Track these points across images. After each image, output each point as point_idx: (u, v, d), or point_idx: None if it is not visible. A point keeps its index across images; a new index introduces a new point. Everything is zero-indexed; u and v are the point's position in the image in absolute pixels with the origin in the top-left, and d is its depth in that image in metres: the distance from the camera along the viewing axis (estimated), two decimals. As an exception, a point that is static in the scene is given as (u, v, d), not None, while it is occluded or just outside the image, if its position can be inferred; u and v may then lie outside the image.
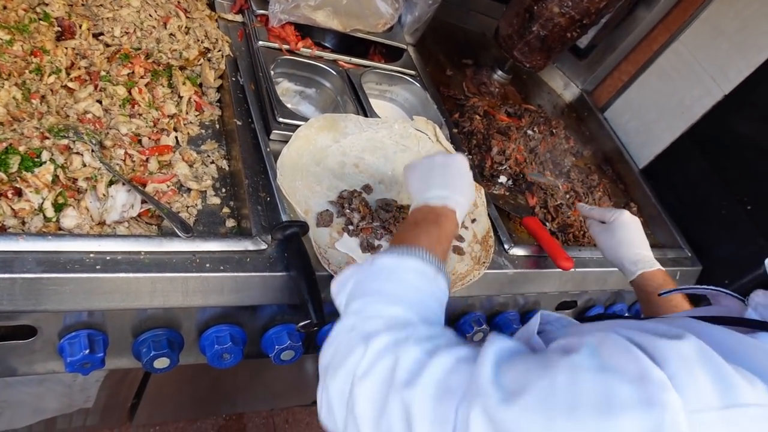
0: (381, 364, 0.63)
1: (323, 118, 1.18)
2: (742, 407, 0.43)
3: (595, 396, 0.46)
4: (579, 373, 0.49)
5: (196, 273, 0.91)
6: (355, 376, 0.63)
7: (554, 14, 1.52)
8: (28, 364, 1.01)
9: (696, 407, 0.43)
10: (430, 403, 0.57)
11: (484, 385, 0.54)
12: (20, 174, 0.88)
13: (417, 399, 0.57)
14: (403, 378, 0.60)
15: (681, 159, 1.72)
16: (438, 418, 0.56)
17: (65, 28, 1.10)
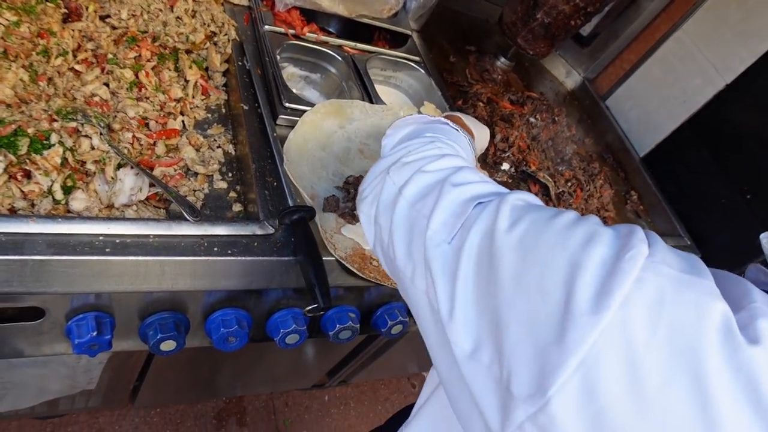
0: (446, 170, 0.69)
1: (329, 103, 1.18)
2: (699, 278, 0.46)
3: (587, 231, 0.51)
4: (583, 220, 0.54)
5: (204, 257, 0.91)
6: (421, 170, 0.70)
7: (558, 2, 1.52)
8: (36, 346, 1.02)
9: (657, 260, 0.46)
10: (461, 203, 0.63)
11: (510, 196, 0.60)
12: (29, 156, 0.88)
13: (452, 195, 0.64)
14: (456, 180, 0.67)
15: (682, 147, 1.73)
16: (459, 211, 0.62)
17: (72, 10, 1.09)
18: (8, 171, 0.86)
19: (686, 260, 0.49)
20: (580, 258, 0.48)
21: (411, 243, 0.66)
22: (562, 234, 0.51)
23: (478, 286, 0.55)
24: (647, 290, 0.44)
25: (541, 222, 0.54)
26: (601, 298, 0.44)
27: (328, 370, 1.96)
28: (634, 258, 0.46)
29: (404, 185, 0.70)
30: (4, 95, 0.94)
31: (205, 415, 2.04)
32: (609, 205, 1.58)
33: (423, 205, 0.66)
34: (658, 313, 0.43)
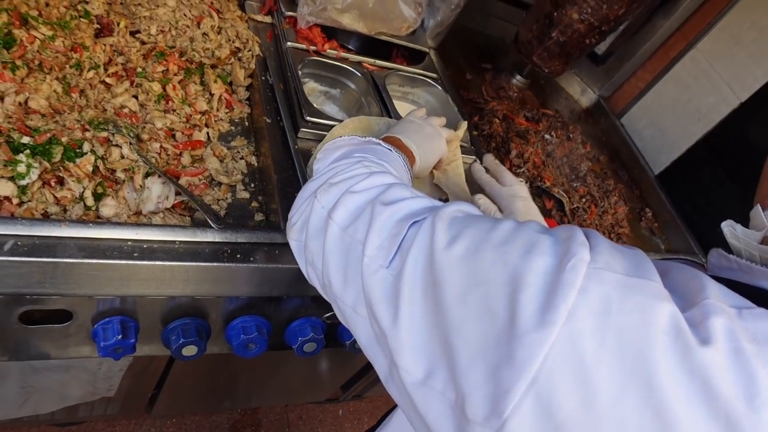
0: (375, 189, 0.69)
1: (358, 119, 1.21)
2: (644, 279, 0.45)
3: (525, 241, 0.50)
4: (523, 227, 0.54)
5: (227, 263, 0.94)
6: (348, 190, 0.69)
7: (573, 20, 1.55)
8: (62, 348, 1.05)
9: (600, 266, 0.46)
10: (395, 223, 0.62)
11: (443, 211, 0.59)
12: (63, 164, 0.92)
13: (385, 215, 0.63)
14: (386, 198, 0.66)
15: (697, 165, 1.74)
16: (394, 232, 0.60)
17: (104, 26, 1.14)
18: (42, 177, 0.90)
19: (631, 259, 0.49)
20: (521, 271, 0.47)
21: (347, 269, 0.64)
22: (501, 247, 0.51)
23: (424, 310, 0.53)
24: (592, 300, 0.44)
25: (480, 236, 0.53)
26: (546, 313, 0.44)
27: (342, 383, 1.97)
28: (576, 267, 0.45)
29: (333, 208, 0.68)
30: (39, 105, 0.98)
31: (220, 426, 2.05)
32: (623, 221, 1.59)
33: (355, 230, 0.64)
34: (605, 323, 0.43)
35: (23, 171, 0.88)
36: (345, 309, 0.66)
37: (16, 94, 0.96)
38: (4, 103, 0.95)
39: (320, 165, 0.84)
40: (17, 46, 1.02)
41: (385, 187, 0.69)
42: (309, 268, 0.73)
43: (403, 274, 0.56)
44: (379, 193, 0.67)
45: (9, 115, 0.93)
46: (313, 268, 0.72)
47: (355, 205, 0.67)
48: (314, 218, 0.70)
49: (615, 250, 0.49)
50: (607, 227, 1.53)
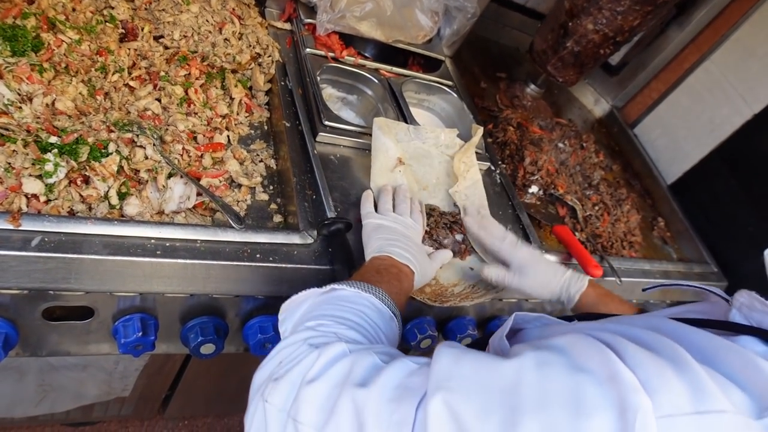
0: (335, 368, 0.58)
1: (383, 120, 1.23)
2: (715, 413, 0.42)
3: (565, 395, 0.45)
4: (547, 369, 0.48)
5: (247, 262, 0.96)
6: (304, 381, 0.57)
7: (588, 31, 1.57)
8: (83, 344, 1.06)
9: (667, 412, 0.42)
10: (387, 405, 0.52)
11: (444, 377, 0.51)
12: (89, 163, 0.94)
13: (372, 400, 0.53)
14: (357, 379, 0.55)
15: (709, 176, 1.75)
16: (396, 419, 0.51)
17: (129, 30, 1.17)
18: (69, 176, 0.92)
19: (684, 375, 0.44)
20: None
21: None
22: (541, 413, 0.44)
23: None
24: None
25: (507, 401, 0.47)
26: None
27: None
28: (645, 428, 0.41)
29: (294, 410, 0.55)
30: (66, 107, 1.00)
31: (232, 428, 2.06)
32: (636, 230, 1.60)
33: (337, 428, 0.53)
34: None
35: (51, 170, 0.90)
36: None
37: (44, 96, 0.99)
38: (32, 104, 0.97)
39: (285, 327, 0.77)
40: (45, 49, 1.05)
41: (347, 362, 0.58)
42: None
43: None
44: (345, 373, 0.57)
45: (37, 116, 0.96)
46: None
47: (321, 396, 0.55)
48: (273, 425, 0.57)
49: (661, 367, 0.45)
50: (620, 235, 1.54)
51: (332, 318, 0.70)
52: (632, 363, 0.45)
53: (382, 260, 0.94)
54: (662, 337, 0.50)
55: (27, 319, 0.95)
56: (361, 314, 0.73)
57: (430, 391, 0.50)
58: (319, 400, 0.55)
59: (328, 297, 0.75)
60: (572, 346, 0.50)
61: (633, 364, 0.45)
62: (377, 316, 0.75)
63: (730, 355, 0.48)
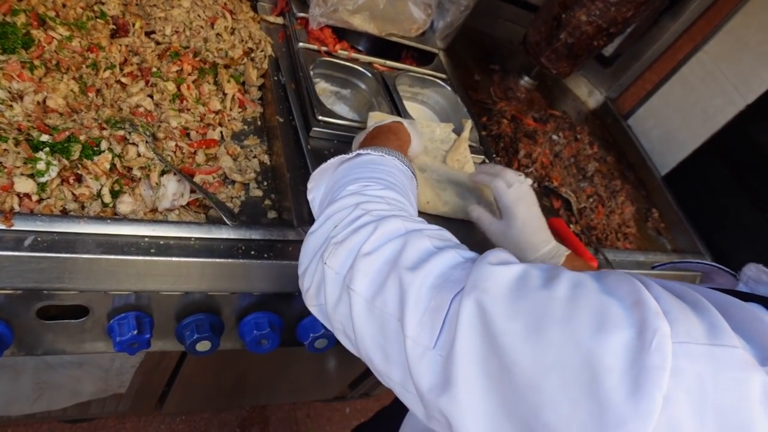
0: (390, 245, 0.63)
1: (377, 114, 1.23)
2: (728, 347, 0.43)
3: (591, 312, 0.47)
4: (579, 289, 0.50)
5: (242, 259, 0.95)
6: (360, 252, 0.62)
7: (581, 23, 1.56)
8: (78, 343, 1.06)
9: (683, 339, 0.43)
10: (428, 291, 0.57)
11: (483, 277, 0.54)
12: (81, 161, 0.93)
13: (416, 284, 0.57)
14: (408, 262, 0.60)
15: (703, 166, 1.76)
16: (433, 305, 0.56)
17: (120, 26, 1.16)
18: (61, 175, 0.92)
19: (703, 316, 0.47)
20: (598, 353, 0.44)
21: (386, 347, 0.60)
22: (566, 324, 0.47)
23: (492, 395, 0.50)
24: (686, 382, 0.42)
25: (537, 309, 0.50)
26: (640, 401, 0.41)
27: (350, 381, 1.98)
28: (662, 346, 0.43)
29: (350, 277, 0.62)
30: (57, 104, 0.99)
31: (229, 423, 2.07)
32: (630, 221, 1.60)
33: (384, 302, 0.59)
34: (702, 403, 0.41)
35: (42, 168, 0.89)
36: (393, 385, 0.61)
37: (35, 93, 0.98)
38: (23, 102, 0.96)
39: (313, 195, 0.82)
40: (35, 46, 1.04)
41: (400, 242, 0.63)
42: (340, 335, 0.68)
43: (456, 357, 0.52)
44: (397, 252, 0.62)
45: (28, 114, 0.95)
46: (345, 336, 0.67)
47: (373, 270, 0.61)
48: (330, 285, 0.65)
49: (683, 306, 0.47)
50: (614, 227, 1.54)
51: (371, 180, 0.74)
52: (656, 295, 0.48)
53: (378, 128, 0.96)
54: (685, 287, 0.52)
55: (21, 318, 0.95)
56: (393, 175, 0.77)
57: (467, 288, 0.54)
58: (371, 273, 0.61)
59: (356, 162, 0.79)
60: (606, 276, 0.53)
61: (656, 296, 0.47)
62: (403, 176, 0.80)
63: (740, 311, 0.49)
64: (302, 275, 0.71)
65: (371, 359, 0.62)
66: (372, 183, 0.73)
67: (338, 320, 0.66)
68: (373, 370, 0.64)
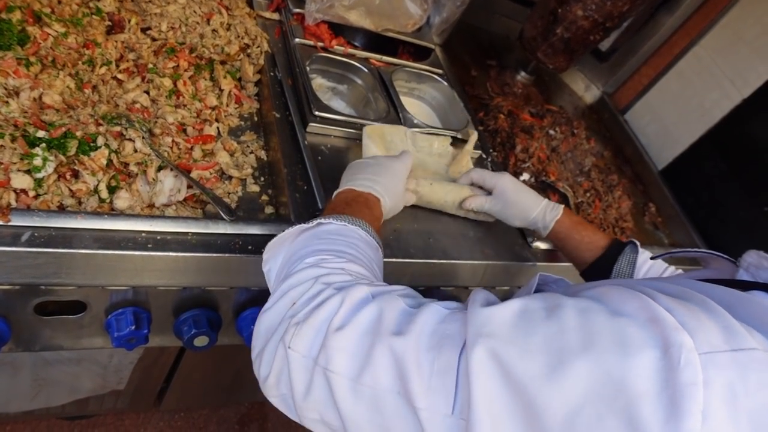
0: (363, 313, 0.57)
1: (377, 127, 1.22)
2: (748, 350, 0.43)
3: (609, 336, 0.46)
4: (588, 314, 0.49)
5: (239, 254, 0.96)
6: (331, 328, 0.57)
7: (578, 17, 1.56)
8: (75, 339, 1.06)
9: (706, 349, 0.43)
10: (427, 353, 0.53)
11: (483, 322, 0.51)
12: (78, 157, 0.93)
13: (410, 349, 0.53)
14: (391, 327, 0.56)
15: (700, 161, 1.76)
16: (438, 368, 0.52)
17: (115, 23, 1.16)
18: (58, 170, 0.92)
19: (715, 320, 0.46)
20: (628, 379, 0.43)
21: (387, 424, 0.55)
22: (589, 354, 0.46)
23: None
24: (718, 392, 0.41)
25: (552, 344, 0.48)
26: (682, 421, 0.41)
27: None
28: (690, 361, 0.42)
29: (324, 359, 0.56)
30: (53, 101, 1.00)
31: (228, 420, 2.07)
32: (627, 216, 1.60)
33: (374, 378, 0.54)
34: (735, 409, 0.41)
35: (39, 164, 0.89)
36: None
37: (31, 90, 0.98)
38: (19, 98, 0.96)
39: (268, 267, 0.76)
40: (31, 42, 1.04)
41: (375, 308, 0.58)
42: (316, 426, 0.61)
43: (478, 415, 0.48)
44: (375, 319, 0.57)
45: (24, 110, 0.95)
46: (324, 425, 0.60)
47: (352, 345, 0.56)
48: (297, 371, 0.58)
49: (695, 312, 0.47)
50: (611, 221, 1.54)
51: (330, 252, 0.68)
52: (666, 307, 0.47)
53: (346, 193, 0.91)
54: (687, 289, 0.52)
55: (19, 314, 0.95)
56: (355, 246, 0.72)
57: (470, 339, 0.50)
58: (350, 348, 0.55)
59: (316, 232, 0.74)
60: (607, 294, 0.51)
61: (667, 308, 0.47)
62: (368, 248, 0.75)
63: (748, 305, 0.49)
64: (257, 359, 0.63)
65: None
66: (331, 256, 0.68)
67: (312, 409, 0.59)
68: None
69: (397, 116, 1.32)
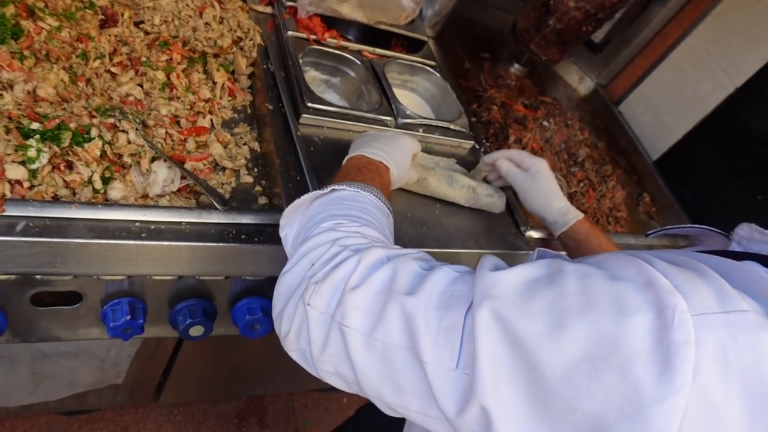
0: (378, 274, 0.61)
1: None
2: (740, 312, 0.45)
3: (607, 300, 0.48)
4: (588, 279, 0.51)
5: (233, 243, 0.97)
6: (348, 286, 0.60)
7: (570, 8, 1.57)
8: (72, 330, 1.07)
9: (699, 311, 0.45)
10: (435, 312, 0.56)
11: (489, 285, 0.54)
12: (71, 148, 0.94)
13: (421, 307, 0.56)
14: (404, 287, 0.59)
15: (694, 151, 1.77)
16: (445, 325, 0.55)
17: (109, 17, 1.16)
18: (52, 162, 0.93)
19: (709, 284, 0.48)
20: (624, 338, 0.46)
21: (397, 378, 0.58)
22: (587, 316, 0.48)
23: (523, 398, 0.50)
24: (710, 350, 0.44)
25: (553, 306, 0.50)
26: (672, 377, 0.43)
27: (346, 370, 1.99)
28: (684, 322, 0.44)
29: (341, 315, 0.60)
30: (47, 94, 1.00)
31: (226, 414, 2.08)
32: (621, 205, 1.61)
33: (386, 333, 0.57)
34: (727, 368, 0.43)
35: (33, 155, 0.90)
36: (409, 414, 0.60)
37: (25, 83, 0.99)
38: (13, 91, 0.97)
39: (285, 233, 0.79)
40: (25, 36, 1.04)
41: (389, 269, 0.62)
42: (332, 378, 0.65)
43: (481, 370, 0.51)
44: (389, 280, 0.61)
45: (18, 103, 0.96)
46: (339, 377, 0.64)
47: (366, 302, 0.59)
48: (315, 327, 0.61)
49: (690, 276, 0.49)
50: (605, 211, 1.55)
51: (345, 217, 0.72)
52: (663, 271, 0.49)
53: (358, 159, 0.93)
54: (686, 258, 0.54)
55: (15, 305, 0.97)
56: (368, 212, 0.75)
57: (476, 300, 0.53)
58: (365, 306, 0.59)
59: (330, 198, 0.77)
60: (607, 261, 0.54)
61: (664, 272, 0.49)
62: (379, 213, 0.78)
63: (741, 273, 0.51)
64: (278, 318, 0.68)
65: (380, 394, 0.60)
66: (346, 220, 0.71)
67: (328, 362, 0.62)
68: (383, 404, 0.62)
69: (389, 107, 1.33)
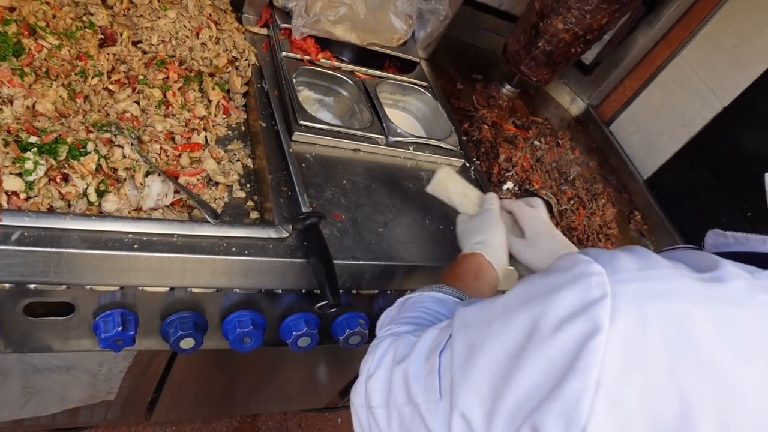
0: (386, 356, 0.73)
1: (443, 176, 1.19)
2: (657, 269, 0.50)
3: (541, 289, 0.55)
4: (528, 281, 0.59)
5: (224, 256, 0.98)
6: (367, 377, 0.72)
7: (558, 30, 1.61)
8: (64, 340, 1.09)
9: (618, 274, 0.50)
10: (423, 363, 0.66)
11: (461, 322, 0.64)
12: (68, 161, 0.97)
13: (413, 364, 0.66)
14: (399, 356, 0.70)
15: (684, 169, 1.79)
16: (428, 369, 0.64)
17: (108, 36, 1.20)
18: (48, 174, 0.95)
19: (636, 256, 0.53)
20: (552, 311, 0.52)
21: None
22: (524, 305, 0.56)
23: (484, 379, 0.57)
24: (626, 300, 0.48)
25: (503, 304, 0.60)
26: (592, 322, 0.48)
27: (339, 389, 1.99)
28: (600, 284, 0.50)
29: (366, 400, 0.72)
30: (46, 109, 1.03)
31: (219, 433, 2.08)
32: (612, 223, 1.63)
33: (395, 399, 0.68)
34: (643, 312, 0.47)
35: (30, 168, 0.92)
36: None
37: (25, 99, 1.02)
38: (13, 106, 1.00)
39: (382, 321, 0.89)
40: (26, 54, 1.07)
41: (392, 348, 0.73)
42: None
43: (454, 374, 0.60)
44: (391, 357, 0.72)
45: (17, 117, 0.98)
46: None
47: (381, 382, 0.70)
48: (361, 419, 0.73)
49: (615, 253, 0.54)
50: (596, 228, 1.57)
51: (396, 321, 0.83)
52: (589, 252, 0.55)
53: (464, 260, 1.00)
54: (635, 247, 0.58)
55: (9, 315, 0.98)
56: (421, 308, 0.84)
57: (455, 331, 0.64)
58: (380, 385, 0.70)
59: (402, 304, 0.88)
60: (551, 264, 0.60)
61: (588, 252, 0.55)
62: (436, 304, 0.86)
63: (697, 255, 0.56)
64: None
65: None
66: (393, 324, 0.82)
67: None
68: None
69: (381, 126, 1.35)
